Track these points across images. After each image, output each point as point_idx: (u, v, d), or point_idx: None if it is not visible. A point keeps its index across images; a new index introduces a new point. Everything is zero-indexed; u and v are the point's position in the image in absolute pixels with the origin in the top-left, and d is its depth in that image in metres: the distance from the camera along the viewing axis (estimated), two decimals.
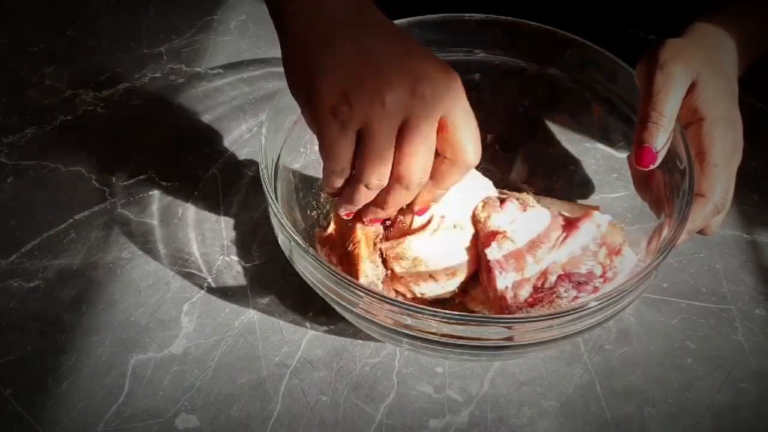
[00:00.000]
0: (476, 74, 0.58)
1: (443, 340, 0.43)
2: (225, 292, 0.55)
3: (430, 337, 0.43)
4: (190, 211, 0.61)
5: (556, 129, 0.59)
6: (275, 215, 0.46)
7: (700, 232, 0.48)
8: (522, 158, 0.60)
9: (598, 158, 0.58)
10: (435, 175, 0.43)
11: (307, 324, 0.53)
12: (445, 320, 0.41)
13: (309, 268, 0.45)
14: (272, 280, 0.56)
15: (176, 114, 0.69)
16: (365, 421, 0.48)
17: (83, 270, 0.56)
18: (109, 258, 0.57)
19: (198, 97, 0.71)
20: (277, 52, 0.77)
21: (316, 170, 0.57)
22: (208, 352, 0.52)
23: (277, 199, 0.48)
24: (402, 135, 0.40)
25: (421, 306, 0.41)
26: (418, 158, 0.41)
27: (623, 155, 0.54)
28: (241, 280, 0.56)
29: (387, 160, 0.41)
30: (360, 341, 0.52)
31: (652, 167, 0.46)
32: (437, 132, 0.41)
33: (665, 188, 0.49)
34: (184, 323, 0.53)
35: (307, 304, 0.54)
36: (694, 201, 0.45)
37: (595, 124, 0.57)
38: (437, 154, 0.43)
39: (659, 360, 0.51)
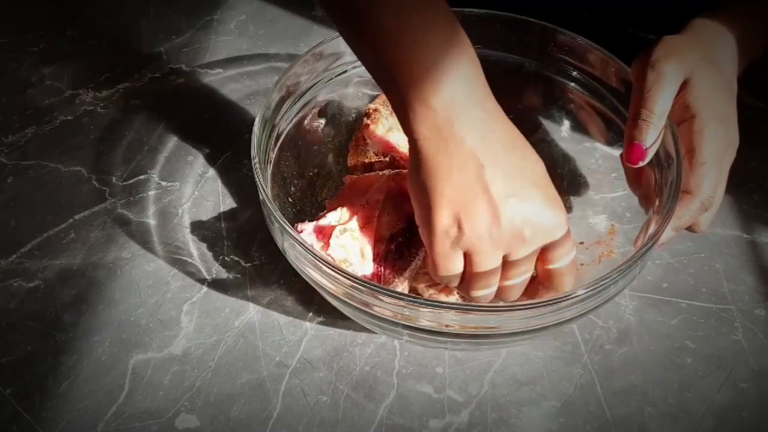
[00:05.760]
0: None
1: (439, 329, 0.43)
2: (225, 292, 0.55)
3: (425, 326, 0.43)
4: (190, 211, 0.61)
5: (554, 127, 0.59)
6: (267, 203, 0.46)
7: (689, 229, 0.48)
8: None
9: (597, 157, 0.58)
10: (529, 294, 0.47)
11: (307, 324, 0.53)
12: (437, 309, 0.42)
13: (299, 257, 0.45)
14: (272, 280, 0.56)
15: (176, 114, 0.69)
16: (365, 421, 0.48)
17: (83, 270, 0.56)
18: (109, 258, 0.57)
19: (198, 97, 0.71)
20: (277, 49, 0.77)
21: (311, 164, 0.58)
22: (208, 352, 0.52)
23: (269, 191, 0.48)
24: (505, 263, 0.44)
25: (411, 295, 0.42)
26: (516, 286, 0.45)
27: None
28: (241, 280, 0.56)
29: (492, 281, 0.45)
30: (360, 341, 0.52)
31: (641, 164, 0.47)
32: (537, 260, 0.45)
33: (655, 185, 0.49)
34: (184, 323, 0.53)
35: (307, 304, 0.54)
36: (681, 198, 0.45)
37: (594, 123, 0.57)
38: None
39: (659, 360, 0.51)
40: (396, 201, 0.51)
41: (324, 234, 0.49)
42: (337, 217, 0.51)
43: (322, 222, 0.50)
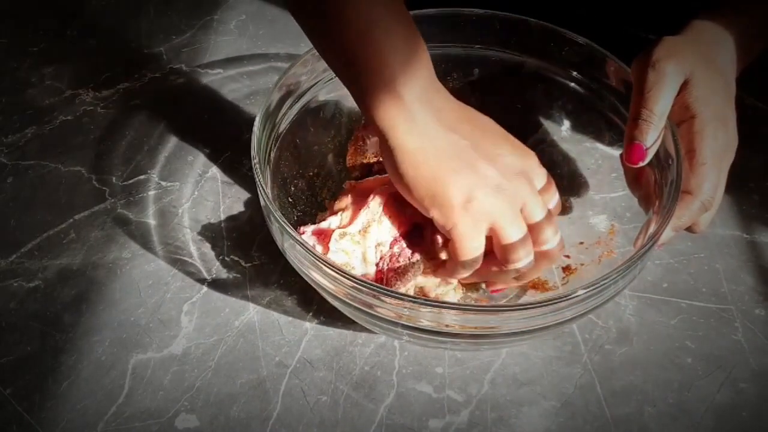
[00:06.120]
0: (475, 69, 0.58)
1: (439, 329, 0.44)
2: (225, 292, 0.55)
3: (425, 326, 0.44)
4: (189, 211, 0.61)
5: (554, 127, 0.59)
6: (267, 203, 0.46)
7: (689, 229, 0.48)
8: None
9: (597, 158, 0.58)
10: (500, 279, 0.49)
11: (307, 324, 0.53)
12: (437, 309, 0.43)
13: (299, 257, 0.45)
14: (272, 280, 0.56)
15: (176, 114, 0.69)
16: (365, 421, 0.48)
17: (83, 270, 0.56)
18: (109, 258, 0.57)
19: (198, 97, 0.71)
20: (277, 49, 0.77)
21: (311, 164, 0.58)
22: (208, 352, 0.52)
23: (269, 191, 0.48)
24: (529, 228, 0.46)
25: (411, 295, 0.42)
26: (551, 228, 0.47)
27: None
28: (241, 280, 0.56)
29: (528, 240, 0.46)
30: (360, 341, 0.52)
31: (641, 164, 0.47)
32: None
33: (654, 185, 0.49)
34: (184, 323, 0.53)
35: (307, 304, 0.54)
36: (682, 198, 0.46)
37: (594, 123, 0.57)
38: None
39: (659, 360, 0.51)
40: (398, 205, 0.51)
41: (325, 236, 0.49)
42: (338, 221, 0.51)
43: (323, 225, 0.50)
